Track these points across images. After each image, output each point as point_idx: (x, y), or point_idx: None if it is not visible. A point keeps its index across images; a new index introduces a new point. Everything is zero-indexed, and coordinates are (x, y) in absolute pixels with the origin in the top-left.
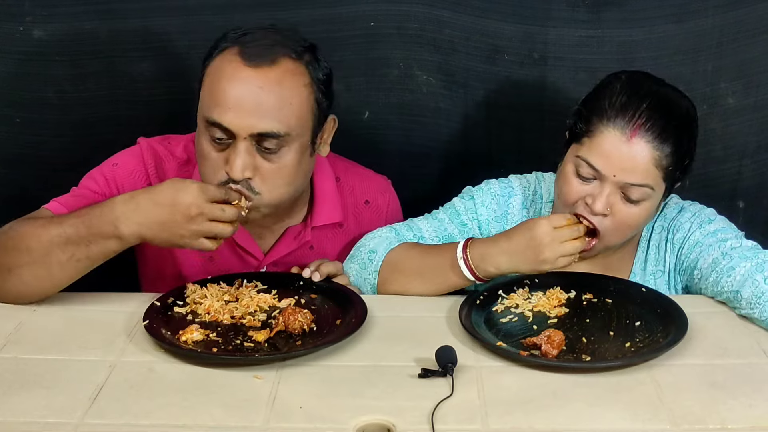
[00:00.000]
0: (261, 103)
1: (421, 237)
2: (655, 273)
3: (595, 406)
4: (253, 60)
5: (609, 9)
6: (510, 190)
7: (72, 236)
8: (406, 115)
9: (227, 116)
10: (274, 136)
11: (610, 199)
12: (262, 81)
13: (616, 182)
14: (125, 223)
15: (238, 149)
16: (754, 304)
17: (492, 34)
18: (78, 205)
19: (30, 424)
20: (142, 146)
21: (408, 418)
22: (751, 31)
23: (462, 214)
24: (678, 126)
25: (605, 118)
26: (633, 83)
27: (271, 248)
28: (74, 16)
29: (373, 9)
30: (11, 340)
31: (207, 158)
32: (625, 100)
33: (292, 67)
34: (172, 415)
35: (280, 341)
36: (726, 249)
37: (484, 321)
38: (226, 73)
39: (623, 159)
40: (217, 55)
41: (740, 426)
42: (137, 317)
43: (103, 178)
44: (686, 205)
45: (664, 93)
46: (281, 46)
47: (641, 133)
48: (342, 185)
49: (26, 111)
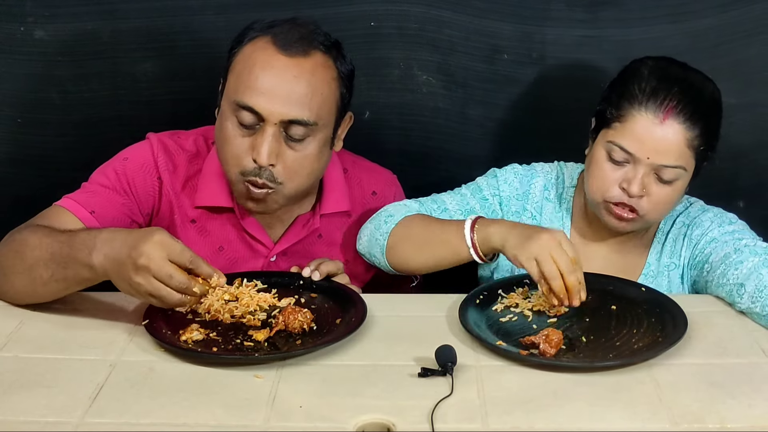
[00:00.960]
0: (294, 90)
1: (444, 209)
2: (669, 265)
3: (595, 406)
4: (288, 49)
5: (607, 9)
6: (533, 172)
7: (56, 254)
8: (406, 115)
9: (260, 100)
10: (303, 124)
11: (644, 180)
12: (297, 70)
13: (650, 164)
14: (96, 253)
15: (266, 134)
16: (756, 297)
17: (491, 34)
18: (90, 201)
19: (30, 424)
20: (151, 140)
21: (408, 418)
22: (747, 31)
23: (484, 189)
24: (707, 107)
25: (636, 103)
26: (661, 68)
27: (281, 237)
28: (76, 16)
29: (373, 9)
30: (12, 340)
31: (231, 143)
32: (655, 84)
33: (323, 60)
34: (172, 415)
35: (280, 341)
36: (739, 246)
37: (484, 320)
38: (260, 59)
39: (656, 141)
40: (248, 43)
41: (740, 425)
42: (137, 317)
43: (114, 172)
44: (711, 208)
45: (692, 76)
46: (312, 38)
47: (673, 115)
48: (350, 176)
49: (28, 111)
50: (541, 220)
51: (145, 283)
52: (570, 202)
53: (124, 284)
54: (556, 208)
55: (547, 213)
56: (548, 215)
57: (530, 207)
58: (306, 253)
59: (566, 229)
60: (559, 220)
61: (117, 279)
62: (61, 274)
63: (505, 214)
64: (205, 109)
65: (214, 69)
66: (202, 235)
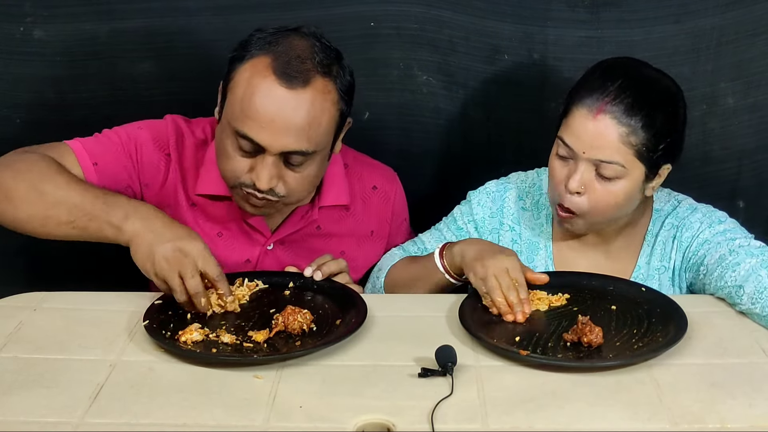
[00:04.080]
0: (294, 123)
1: (424, 249)
2: (659, 269)
3: (595, 406)
4: (287, 80)
5: (608, 9)
6: (506, 185)
7: (86, 204)
8: (406, 115)
9: (260, 133)
10: (302, 154)
11: (584, 176)
12: (296, 102)
13: (588, 159)
14: (132, 220)
15: (266, 162)
16: (756, 299)
17: (492, 35)
18: (97, 152)
19: (30, 424)
20: (167, 120)
21: (408, 418)
22: (750, 32)
23: (458, 219)
24: (649, 102)
25: (578, 98)
26: (610, 67)
27: (279, 226)
28: (75, 16)
29: (372, 9)
30: (11, 340)
31: (230, 159)
32: (597, 81)
33: (322, 86)
34: (172, 415)
35: (279, 341)
36: (734, 246)
37: (484, 320)
38: (260, 89)
39: (590, 136)
40: (248, 61)
41: (740, 425)
42: (137, 317)
43: (126, 134)
44: (699, 206)
45: (638, 72)
46: (312, 61)
47: (608, 109)
48: (350, 171)
49: (26, 112)
50: (521, 231)
51: (168, 268)
52: (550, 208)
53: (145, 257)
54: (534, 216)
55: (526, 222)
56: (527, 224)
57: (507, 221)
58: (304, 244)
59: (547, 236)
60: (539, 227)
61: (143, 250)
62: (82, 224)
63: (482, 235)
64: (202, 109)
65: (211, 70)
66: (201, 219)
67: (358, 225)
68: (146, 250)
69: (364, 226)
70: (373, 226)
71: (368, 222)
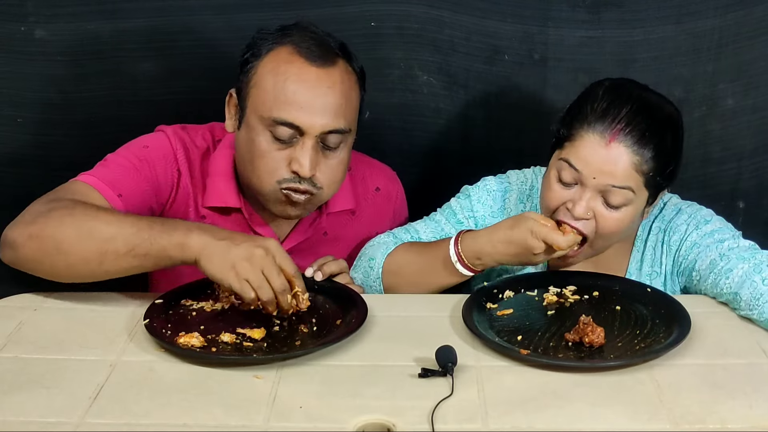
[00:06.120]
0: (330, 101)
1: (418, 239)
2: (651, 274)
3: (595, 406)
4: (316, 60)
5: (609, 10)
6: (507, 185)
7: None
8: (406, 115)
9: (300, 115)
10: (340, 132)
11: (590, 203)
12: (330, 80)
13: (596, 185)
14: (197, 234)
15: (307, 147)
16: (753, 305)
17: (492, 35)
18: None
19: (30, 424)
20: (167, 132)
21: (408, 418)
22: (750, 33)
23: (458, 213)
24: (659, 131)
25: (586, 123)
26: (615, 89)
27: (288, 235)
28: (77, 15)
29: (373, 9)
30: (12, 340)
31: (266, 157)
32: (605, 106)
33: (345, 67)
34: (172, 415)
35: (279, 341)
36: (723, 250)
37: (486, 320)
38: (292, 73)
39: (603, 163)
40: (268, 54)
41: (740, 426)
42: (137, 317)
43: (136, 157)
44: (684, 206)
45: (645, 98)
46: (329, 45)
47: (620, 137)
48: (354, 174)
49: (28, 111)
50: None
51: (251, 268)
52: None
53: (223, 263)
54: None
55: None
56: None
57: None
58: (312, 250)
59: None
60: None
61: (218, 258)
62: (143, 250)
63: None
64: (205, 108)
65: (214, 69)
66: None
67: (363, 228)
68: (222, 257)
69: (368, 229)
70: (376, 227)
71: (372, 224)
